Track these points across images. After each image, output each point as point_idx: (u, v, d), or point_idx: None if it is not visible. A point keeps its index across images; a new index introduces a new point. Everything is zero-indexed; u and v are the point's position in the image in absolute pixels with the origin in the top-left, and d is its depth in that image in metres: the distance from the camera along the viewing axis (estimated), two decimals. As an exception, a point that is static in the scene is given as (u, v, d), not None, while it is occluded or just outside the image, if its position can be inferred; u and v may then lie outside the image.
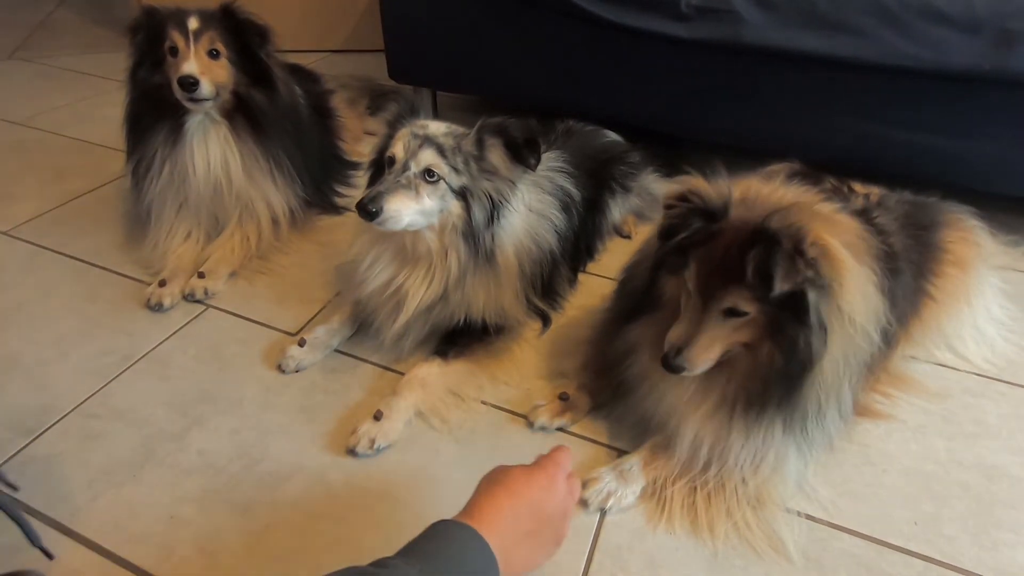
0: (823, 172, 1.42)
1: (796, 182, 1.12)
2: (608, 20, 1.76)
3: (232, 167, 1.58)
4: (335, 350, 1.39)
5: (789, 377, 0.93)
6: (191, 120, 1.54)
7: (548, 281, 1.45)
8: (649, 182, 1.82)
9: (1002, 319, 1.45)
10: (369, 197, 1.15)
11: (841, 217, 1.01)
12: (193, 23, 1.49)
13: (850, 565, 1.00)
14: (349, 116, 2.16)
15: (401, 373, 1.33)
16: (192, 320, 1.48)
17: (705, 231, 0.91)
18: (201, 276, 1.55)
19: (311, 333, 1.37)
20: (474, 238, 1.25)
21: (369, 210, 1.14)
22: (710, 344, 0.94)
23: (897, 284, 1.12)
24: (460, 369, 1.31)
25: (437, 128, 1.24)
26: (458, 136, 1.23)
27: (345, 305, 1.44)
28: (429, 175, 1.19)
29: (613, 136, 1.85)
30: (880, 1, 1.52)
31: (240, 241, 1.65)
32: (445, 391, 1.27)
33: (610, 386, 1.22)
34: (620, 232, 1.80)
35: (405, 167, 1.19)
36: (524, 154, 1.23)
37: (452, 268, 1.27)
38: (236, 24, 1.54)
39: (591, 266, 1.69)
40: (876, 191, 1.35)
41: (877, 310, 0.97)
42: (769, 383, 0.95)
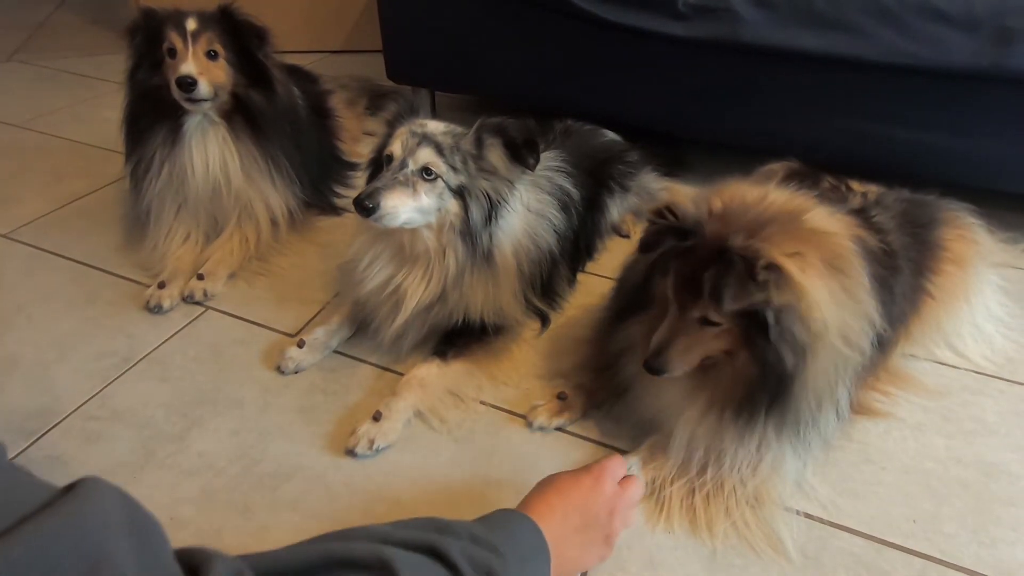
0: (821, 171, 1.42)
1: (794, 182, 1.12)
2: (606, 19, 1.75)
3: (231, 168, 1.58)
4: (334, 351, 1.39)
5: (768, 386, 0.95)
6: (190, 121, 1.54)
7: (547, 281, 1.45)
8: (648, 181, 1.82)
9: (1001, 316, 1.45)
10: (366, 193, 1.15)
11: (831, 223, 1.00)
12: (191, 24, 1.49)
13: (849, 563, 1.00)
14: (348, 116, 2.16)
15: (400, 374, 1.33)
16: (191, 322, 1.49)
17: (679, 247, 0.94)
18: (200, 278, 1.55)
19: (310, 334, 1.37)
20: (472, 237, 1.25)
21: (366, 206, 1.14)
22: (688, 348, 0.97)
23: (896, 282, 1.12)
24: (459, 369, 1.31)
25: (436, 127, 1.24)
26: (457, 135, 1.23)
27: (344, 306, 1.44)
28: (427, 173, 1.19)
29: (612, 135, 1.84)
30: (878, -1, 1.52)
31: (239, 242, 1.64)
32: (444, 391, 1.27)
33: (608, 385, 1.22)
34: (619, 231, 1.80)
35: (403, 165, 1.19)
36: (523, 154, 1.23)
37: (450, 267, 1.27)
38: (234, 25, 1.54)
39: (590, 265, 1.69)
40: (874, 189, 1.35)
41: (864, 319, 0.97)
42: (753, 390, 0.96)
